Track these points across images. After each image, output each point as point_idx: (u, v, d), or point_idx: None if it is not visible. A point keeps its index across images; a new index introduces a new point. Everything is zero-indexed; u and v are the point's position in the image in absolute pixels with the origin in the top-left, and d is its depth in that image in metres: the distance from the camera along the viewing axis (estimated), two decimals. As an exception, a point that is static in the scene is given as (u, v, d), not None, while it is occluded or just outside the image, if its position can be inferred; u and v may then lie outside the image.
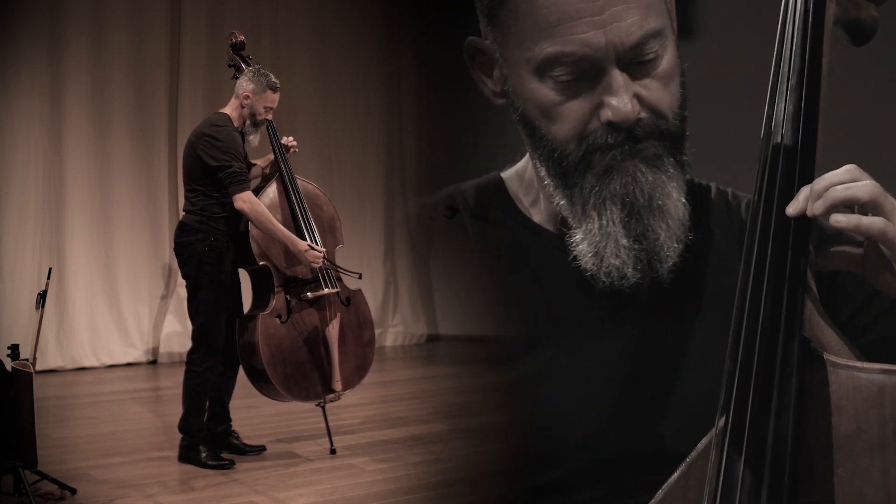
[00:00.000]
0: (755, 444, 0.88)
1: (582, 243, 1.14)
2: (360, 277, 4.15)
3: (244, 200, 3.78)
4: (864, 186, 0.93)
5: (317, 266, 3.96)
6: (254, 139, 4.01)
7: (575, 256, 1.14)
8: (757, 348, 0.91)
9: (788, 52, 1.01)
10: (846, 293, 1.10)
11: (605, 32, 1.07)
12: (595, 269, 1.13)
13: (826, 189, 0.93)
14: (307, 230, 4.06)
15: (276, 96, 4.00)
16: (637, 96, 1.11)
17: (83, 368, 7.03)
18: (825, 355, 0.90)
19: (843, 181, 0.94)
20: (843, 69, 1.06)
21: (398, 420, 4.94)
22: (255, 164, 4.22)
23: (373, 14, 8.56)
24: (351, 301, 4.21)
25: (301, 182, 4.17)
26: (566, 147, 1.14)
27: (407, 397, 5.81)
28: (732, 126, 1.24)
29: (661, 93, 1.12)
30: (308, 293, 4.03)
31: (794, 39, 1.01)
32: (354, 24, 8.45)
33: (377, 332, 5.86)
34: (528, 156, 1.26)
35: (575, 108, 1.12)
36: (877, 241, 0.94)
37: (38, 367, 3.50)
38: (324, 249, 3.97)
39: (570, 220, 1.16)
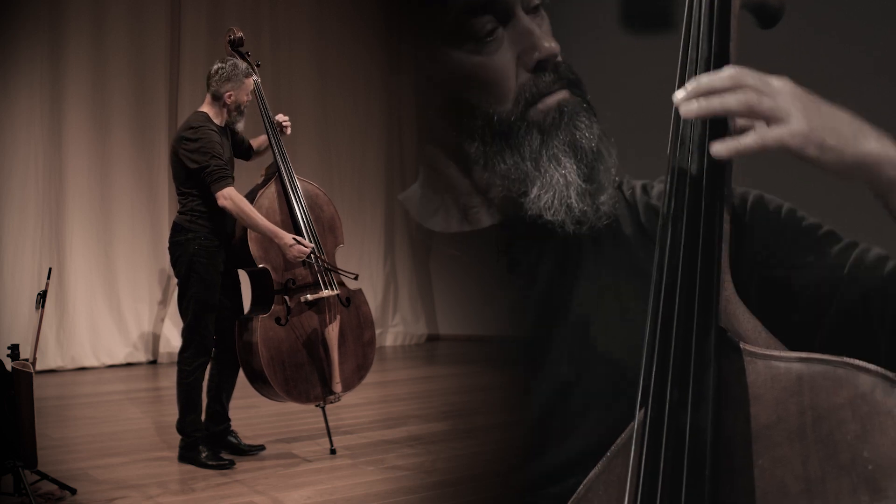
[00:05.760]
0: (674, 436, 0.88)
1: (545, 197, 1.13)
2: (356, 278, 4.16)
3: (225, 197, 3.81)
4: (735, 97, 0.93)
5: (301, 259, 3.94)
6: (241, 126, 4.10)
7: (539, 213, 1.13)
8: (673, 340, 0.91)
9: (696, 35, 1.00)
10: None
11: None
12: (564, 216, 1.13)
13: (702, 94, 0.95)
14: (307, 230, 4.06)
15: (253, 79, 4.09)
16: None
17: (83, 368, 7.04)
18: (742, 345, 0.90)
19: (719, 88, 0.94)
20: (751, 53, 1.05)
21: (398, 420, 4.94)
22: (250, 150, 4.35)
23: (373, 14, 8.56)
24: (351, 301, 4.20)
25: (301, 182, 4.17)
26: (503, 108, 1.14)
27: (407, 397, 5.81)
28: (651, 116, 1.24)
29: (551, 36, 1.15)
30: (307, 295, 4.03)
31: (702, 22, 1.00)
32: (354, 24, 8.45)
33: (377, 332, 5.86)
34: (417, 183, 1.28)
35: (498, 64, 1.12)
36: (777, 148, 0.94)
37: (38, 367, 3.50)
38: (311, 245, 3.95)
39: (522, 179, 1.15)
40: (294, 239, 3.89)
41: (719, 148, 0.94)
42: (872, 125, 0.96)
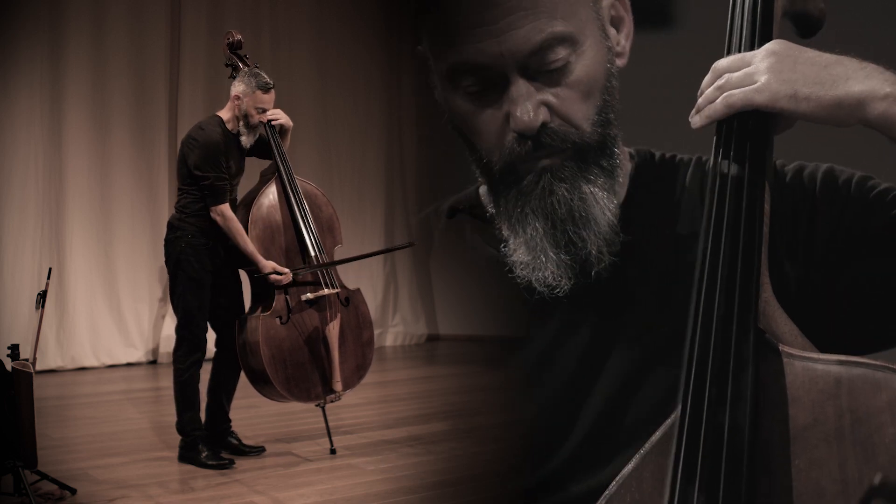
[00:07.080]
0: (712, 435, 0.89)
1: (514, 254, 1.13)
2: (412, 245, 4.18)
3: (217, 213, 3.89)
4: (720, 99, 0.97)
5: (282, 282, 3.97)
6: (246, 140, 4.02)
7: (510, 268, 1.14)
8: (712, 339, 0.92)
9: (738, 44, 1.02)
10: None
11: (500, 42, 1.05)
12: (528, 279, 1.12)
13: (725, 90, 0.98)
14: (307, 230, 4.07)
15: (269, 97, 3.99)
16: (547, 105, 1.08)
17: (83, 368, 7.03)
18: (780, 346, 0.91)
19: (740, 85, 0.97)
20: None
21: (398, 420, 4.93)
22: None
23: (373, 14, 8.56)
24: (350, 301, 4.21)
25: (300, 182, 4.18)
26: (490, 157, 1.13)
27: (407, 397, 5.81)
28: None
29: (574, 102, 1.09)
30: (308, 294, 4.03)
31: (744, 31, 1.02)
32: (354, 24, 8.45)
33: (377, 332, 5.86)
34: None
35: (488, 119, 1.11)
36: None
37: (38, 367, 3.50)
38: (287, 271, 3.96)
39: (503, 230, 1.15)
40: (273, 269, 3.92)
41: (695, 119, 1.00)
42: (871, 63, 0.96)
